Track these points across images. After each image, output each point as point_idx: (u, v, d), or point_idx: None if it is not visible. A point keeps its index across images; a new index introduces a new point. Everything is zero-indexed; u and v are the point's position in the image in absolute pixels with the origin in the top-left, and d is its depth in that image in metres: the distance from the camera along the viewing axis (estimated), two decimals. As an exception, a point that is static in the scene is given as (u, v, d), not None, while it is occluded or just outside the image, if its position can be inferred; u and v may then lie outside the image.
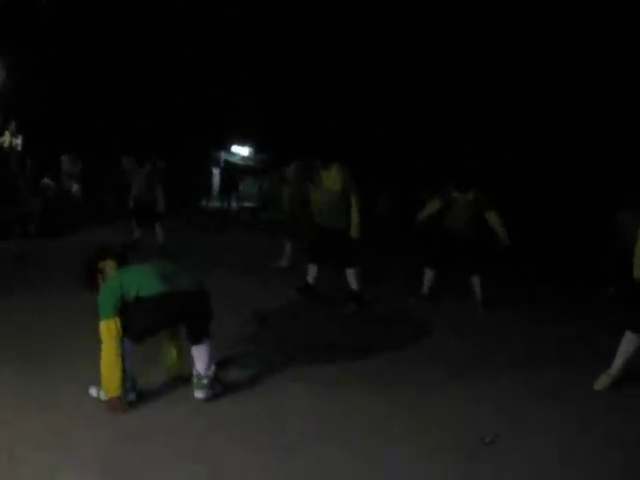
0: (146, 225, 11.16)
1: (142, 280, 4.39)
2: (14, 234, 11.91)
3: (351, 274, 7.59)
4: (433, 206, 8.14)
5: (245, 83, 22.44)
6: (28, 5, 8.77)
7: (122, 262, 4.69)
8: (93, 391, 4.49)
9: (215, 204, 25.83)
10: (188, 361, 4.69)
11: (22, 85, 15.92)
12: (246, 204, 25.47)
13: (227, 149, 31.23)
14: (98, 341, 4.31)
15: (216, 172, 29.47)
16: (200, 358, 4.55)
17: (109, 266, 4.63)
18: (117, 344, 4.25)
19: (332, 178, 7.44)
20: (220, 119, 23.42)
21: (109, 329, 4.25)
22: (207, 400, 4.53)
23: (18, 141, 15.66)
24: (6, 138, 15.29)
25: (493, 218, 7.85)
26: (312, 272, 7.88)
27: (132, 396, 4.43)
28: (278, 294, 8.09)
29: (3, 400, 4.42)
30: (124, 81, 19.06)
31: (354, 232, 7.43)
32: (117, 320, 4.26)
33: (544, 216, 16.93)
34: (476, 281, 8.06)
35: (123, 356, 4.28)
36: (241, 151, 32.78)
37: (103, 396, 4.37)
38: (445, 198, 8.00)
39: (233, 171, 26.57)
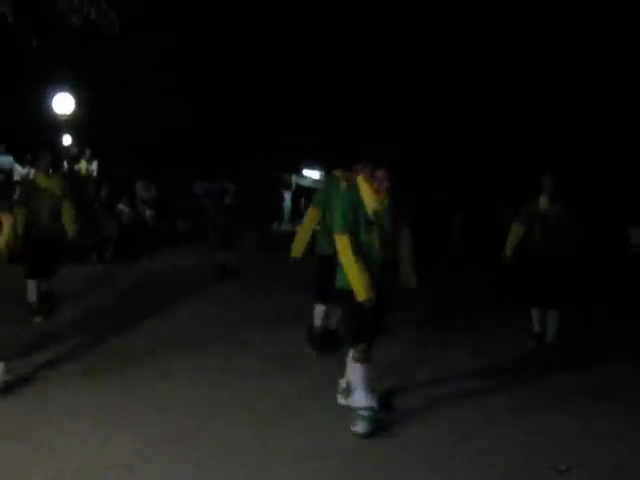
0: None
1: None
2: (90, 259, 12.12)
3: None
4: (516, 235, 7.27)
5: (315, 105, 22.49)
6: (97, 36, 8.93)
7: None
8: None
9: (286, 228, 25.81)
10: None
11: (95, 113, 16.35)
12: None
13: (298, 173, 31.30)
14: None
15: (287, 196, 29.55)
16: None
17: None
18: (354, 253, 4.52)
19: None
20: (291, 142, 23.54)
21: (343, 243, 4.55)
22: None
23: (93, 167, 16.04)
24: (82, 165, 15.69)
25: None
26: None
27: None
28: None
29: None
30: (195, 106, 19.40)
31: None
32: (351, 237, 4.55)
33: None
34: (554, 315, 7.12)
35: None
36: (312, 174, 32.79)
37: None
38: (528, 217, 7.16)
39: (304, 195, 26.54)
